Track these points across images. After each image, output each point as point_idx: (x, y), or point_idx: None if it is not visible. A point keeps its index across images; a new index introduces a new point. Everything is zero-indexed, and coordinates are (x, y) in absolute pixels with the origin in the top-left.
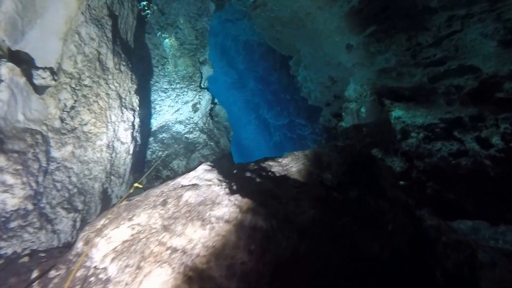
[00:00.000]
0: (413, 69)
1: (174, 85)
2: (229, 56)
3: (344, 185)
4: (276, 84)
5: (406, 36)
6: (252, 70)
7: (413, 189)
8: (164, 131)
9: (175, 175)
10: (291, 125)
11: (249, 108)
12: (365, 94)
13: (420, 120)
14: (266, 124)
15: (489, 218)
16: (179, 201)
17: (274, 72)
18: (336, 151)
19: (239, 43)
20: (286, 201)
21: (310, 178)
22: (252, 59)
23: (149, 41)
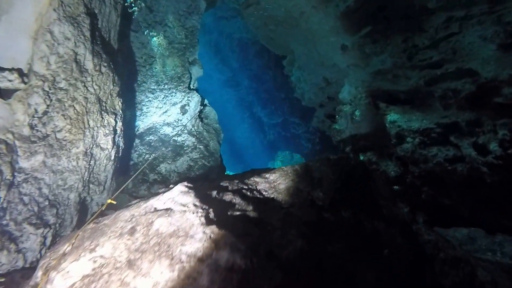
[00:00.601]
0: (409, 72)
1: (162, 85)
2: (223, 53)
3: (336, 204)
4: (270, 83)
5: (403, 37)
6: (246, 68)
7: (407, 194)
8: (151, 133)
9: (162, 179)
10: (285, 124)
11: (243, 106)
12: (360, 96)
13: (416, 125)
14: (260, 122)
15: (485, 225)
16: (149, 230)
17: (269, 71)
18: (328, 165)
19: (233, 41)
20: (272, 228)
21: (299, 196)
22: (246, 57)
23: (136, 39)
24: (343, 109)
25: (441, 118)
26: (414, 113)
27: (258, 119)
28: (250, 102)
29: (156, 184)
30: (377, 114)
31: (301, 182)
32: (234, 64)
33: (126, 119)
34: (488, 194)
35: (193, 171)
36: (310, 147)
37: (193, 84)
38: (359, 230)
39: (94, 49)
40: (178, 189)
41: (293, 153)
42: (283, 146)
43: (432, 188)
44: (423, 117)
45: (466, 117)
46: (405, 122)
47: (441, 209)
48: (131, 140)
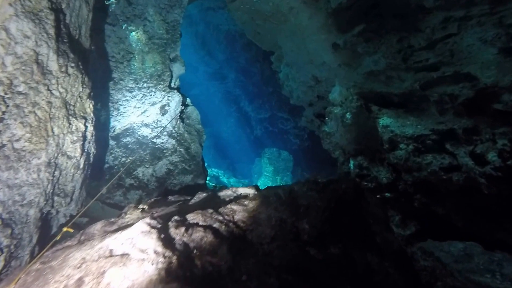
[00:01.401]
0: (403, 74)
1: (141, 84)
2: (209, 45)
3: (325, 237)
4: (258, 76)
5: (397, 37)
6: (234, 61)
7: (399, 201)
8: (128, 134)
9: (139, 184)
10: (273, 119)
11: (229, 100)
12: (351, 98)
13: (410, 131)
14: (247, 117)
15: (482, 239)
16: (99, 283)
17: (257, 64)
18: (316, 190)
19: (221, 33)
20: (248, 278)
21: (282, 229)
22: (234, 50)
23: (114, 34)
24: (333, 111)
25: (436, 124)
26: (408, 118)
27: (245, 113)
28: (237, 96)
29: (132, 189)
30: (369, 118)
31: (284, 211)
32: (221, 56)
33: (101, 120)
34: (485, 206)
35: (173, 176)
36: (298, 143)
37: (174, 83)
38: (350, 268)
39: (59, 48)
40: (139, 228)
41: (281, 150)
42: (271, 142)
43: (425, 196)
44: (418, 123)
45: (463, 124)
46: (398, 127)
47: (434, 219)
48: (106, 142)
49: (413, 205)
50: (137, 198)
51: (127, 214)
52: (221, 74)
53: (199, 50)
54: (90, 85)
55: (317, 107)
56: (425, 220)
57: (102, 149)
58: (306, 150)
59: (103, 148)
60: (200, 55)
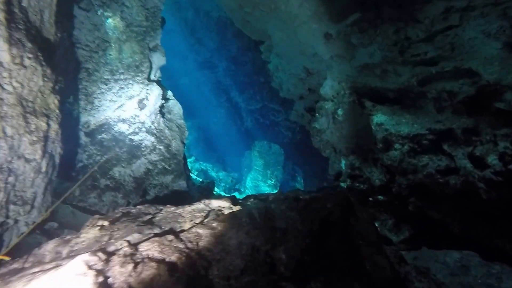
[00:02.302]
0: (400, 68)
1: (117, 75)
2: (200, 33)
3: (304, 269)
4: (250, 65)
5: (394, 27)
6: (225, 49)
7: (393, 204)
8: (104, 131)
9: (115, 184)
10: (264, 110)
11: (219, 90)
12: (344, 93)
13: (405, 130)
14: (237, 108)
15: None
16: None
17: (248, 52)
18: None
19: (211, 20)
20: None
21: (254, 260)
22: (225, 37)
23: (88, 20)
24: (324, 106)
25: (434, 123)
26: (404, 115)
27: (235, 104)
28: (228, 86)
29: (108, 191)
30: (363, 114)
31: (258, 237)
32: (211, 44)
33: (74, 114)
34: (483, 212)
35: (152, 176)
36: (290, 135)
37: (155, 74)
38: None
39: (12, 37)
40: (73, 269)
41: (271, 144)
42: (261, 134)
43: (420, 199)
44: (414, 121)
45: (462, 124)
46: (393, 126)
47: (429, 223)
48: (79, 139)
49: (407, 208)
50: (113, 200)
51: (83, 233)
52: (211, 63)
53: (188, 38)
54: (54, 78)
55: (308, 100)
56: (419, 224)
57: (75, 146)
58: (297, 142)
59: (76, 146)
60: (190, 43)
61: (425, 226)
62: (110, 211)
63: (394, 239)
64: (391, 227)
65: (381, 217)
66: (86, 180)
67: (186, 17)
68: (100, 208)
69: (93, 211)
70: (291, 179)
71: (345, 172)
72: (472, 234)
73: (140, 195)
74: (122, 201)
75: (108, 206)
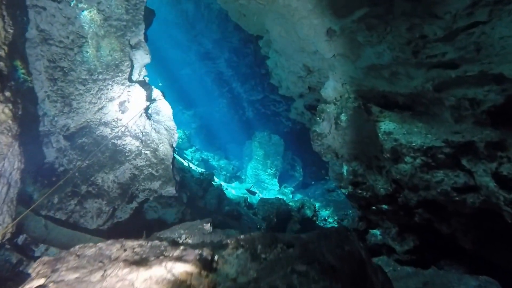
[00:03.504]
0: (413, 70)
1: (96, 75)
2: (201, 25)
3: None
4: (251, 57)
5: (408, 24)
6: (226, 41)
7: (398, 214)
8: (84, 134)
9: (98, 191)
10: (265, 101)
11: (221, 80)
12: (348, 96)
13: (418, 141)
14: (239, 98)
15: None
16: None
17: (250, 44)
18: None
19: (212, 12)
20: None
21: None
22: (226, 29)
23: (60, 13)
24: (325, 109)
25: (451, 134)
26: (415, 124)
27: (237, 95)
28: (230, 77)
29: (90, 198)
30: (368, 120)
31: None
32: (213, 36)
33: (50, 117)
34: (505, 235)
35: (138, 182)
36: (290, 125)
37: (139, 73)
38: None
39: None
40: None
41: (272, 134)
42: (262, 124)
43: (429, 211)
44: (428, 131)
45: (485, 136)
46: (403, 136)
47: (437, 236)
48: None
49: (413, 219)
50: (97, 207)
51: None
52: (213, 54)
53: (190, 30)
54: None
55: (308, 98)
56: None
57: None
58: (297, 132)
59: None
60: (191, 34)
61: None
62: (94, 218)
63: (397, 249)
64: (395, 236)
65: (384, 225)
66: (64, 187)
67: (187, 9)
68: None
69: (72, 224)
70: (290, 168)
71: (346, 178)
72: (488, 256)
73: (127, 201)
74: (107, 208)
75: (92, 213)
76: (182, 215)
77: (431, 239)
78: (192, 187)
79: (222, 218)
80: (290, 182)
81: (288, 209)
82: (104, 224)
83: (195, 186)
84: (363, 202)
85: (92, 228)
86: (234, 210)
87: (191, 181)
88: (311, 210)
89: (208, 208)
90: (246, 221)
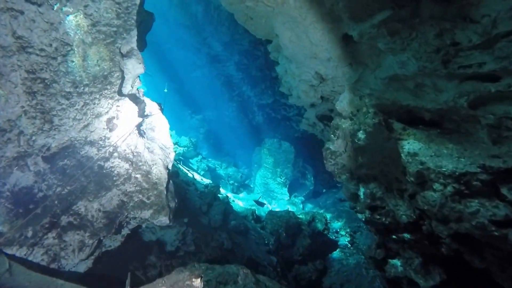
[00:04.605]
0: (442, 82)
1: (81, 88)
2: (211, 27)
3: None
4: (262, 59)
5: (437, 29)
6: (237, 43)
7: (422, 244)
8: (67, 155)
9: (80, 221)
10: (276, 105)
11: (231, 84)
12: (366, 110)
13: (449, 165)
14: (249, 102)
15: None
16: None
17: (260, 47)
18: None
19: (222, 14)
20: None
21: None
22: (237, 31)
23: (41, 17)
24: (341, 125)
25: (489, 158)
26: (445, 144)
27: (247, 98)
28: (240, 80)
29: (71, 229)
30: (389, 138)
31: None
32: (223, 38)
33: (27, 136)
34: None
35: (127, 210)
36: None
37: (132, 85)
38: None
39: None
40: None
41: (282, 141)
42: (272, 129)
43: (458, 242)
44: (460, 153)
45: None
46: (431, 158)
47: (467, 270)
48: (37, 165)
49: (440, 250)
50: (80, 240)
51: None
52: (223, 57)
53: (200, 32)
54: None
55: (321, 108)
56: (454, 269)
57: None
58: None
59: (33, 174)
60: (201, 37)
61: (462, 272)
62: (76, 252)
63: (421, 284)
64: (418, 268)
65: (406, 254)
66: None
67: (197, 11)
68: (64, 248)
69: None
70: (301, 177)
71: (363, 201)
72: None
73: (114, 232)
74: (91, 241)
75: (74, 247)
76: (183, 236)
77: (460, 271)
78: (195, 202)
79: (227, 235)
80: (300, 191)
81: (298, 222)
82: (88, 258)
83: (199, 201)
84: (381, 228)
85: (74, 262)
86: (241, 225)
87: (194, 196)
88: (322, 223)
89: (212, 224)
90: (253, 236)
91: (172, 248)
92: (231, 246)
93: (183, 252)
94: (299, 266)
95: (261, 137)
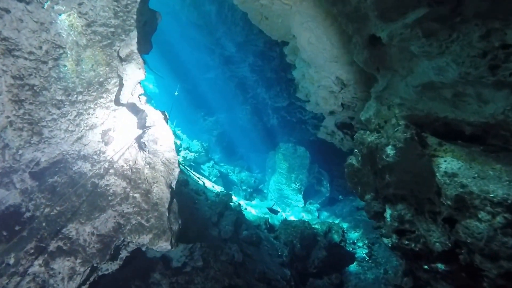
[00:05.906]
0: (489, 92)
1: (74, 96)
2: (225, 27)
3: None
4: (277, 60)
5: (482, 30)
6: (251, 44)
7: (458, 276)
8: (58, 171)
9: (71, 246)
10: (291, 108)
11: (246, 86)
12: (395, 122)
13: (498, 190)
14: (263, 104)
15: None
16: None
17: (276, 47)
18: None
19: (236, 13)
20: None
21: None
22: (251, 32)
23: (29, 17)
24: (366, 139)
25: None
26: (491, 164)
27: (261, 101)
28: (254, 81)
29: (61, 255)
30: (423, 155)
31: None
32: (238, 38)
33: (12, 150)
34: None
35: (123, 234)
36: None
37: (132, 92)
38: None
39: None
40: None
41: (297, 146)
42: (287, 132)
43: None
44: (511, 176)
45: None
46: (474, 181)
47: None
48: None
49: (482, 284)
50: (70, 267)
51: None
52: (237, 58)
53: (213, 32)
54: None
55: (341, 116)
56: None
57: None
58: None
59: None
60: (214, 37)
61: None
62: (65, 280)
63: None
64: None
65: (438, 286)
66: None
67: (210, 11)
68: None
69: None
70: (316, 183)
71: (390, 224)
72: None
73: (109, 258)
74: (82, 268)
75: (63, 275)
76: (190, 252)
77: None
78: (205, 213)
79: (238, 246)
80: (316, 198)
81: (313, 233)
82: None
83: (209, 211)
84: (410, 253)
85: None
86: (253, 235)
87: (204, 206)
88: (338, 235)
89: (222, 236)
90: (266, 247)
91: (179, 264)
92: (242, 258)
93: (190, 267)
94: (314, 279)
95: (275, 140)
